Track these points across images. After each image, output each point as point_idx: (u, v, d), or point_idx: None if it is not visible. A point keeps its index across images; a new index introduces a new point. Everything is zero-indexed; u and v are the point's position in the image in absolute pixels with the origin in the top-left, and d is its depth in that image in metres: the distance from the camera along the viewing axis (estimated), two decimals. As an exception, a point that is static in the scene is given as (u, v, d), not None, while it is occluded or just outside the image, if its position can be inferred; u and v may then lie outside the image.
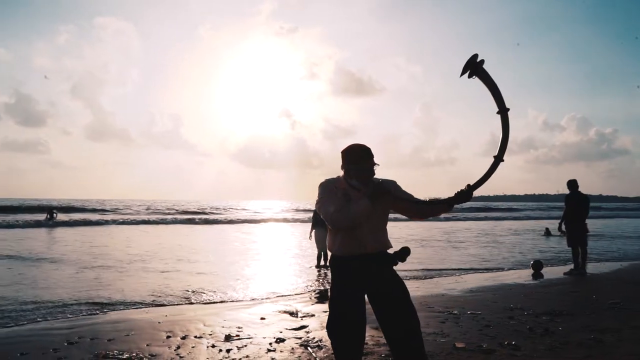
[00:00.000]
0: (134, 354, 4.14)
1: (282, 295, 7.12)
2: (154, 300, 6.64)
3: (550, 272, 9.25)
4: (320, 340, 4.51)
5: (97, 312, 5.96)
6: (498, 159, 2.77)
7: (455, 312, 5.70)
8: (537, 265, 9.37)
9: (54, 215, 25.74)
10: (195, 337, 4.76)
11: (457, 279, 8.56)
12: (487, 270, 8.82)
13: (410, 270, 9.09)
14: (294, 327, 5.14)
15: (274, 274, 9.58)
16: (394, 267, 2.83)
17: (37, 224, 23.50)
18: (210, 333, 4.90)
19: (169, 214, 40.02)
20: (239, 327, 5.15)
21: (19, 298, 6.63)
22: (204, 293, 7.20)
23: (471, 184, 2.75)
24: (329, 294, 2.88)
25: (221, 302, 6.68)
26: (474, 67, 2.76)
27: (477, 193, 2.75)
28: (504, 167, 2.77)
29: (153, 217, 33.66)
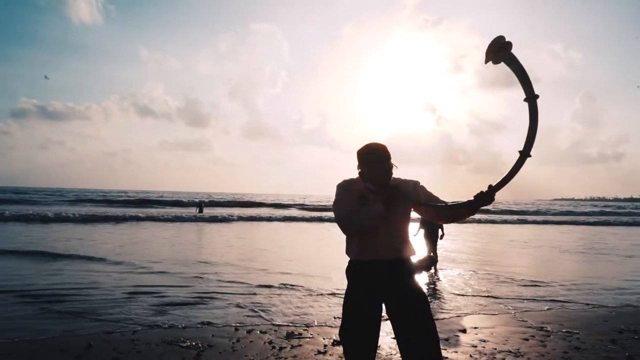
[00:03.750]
0: (194, 343, 4.39)
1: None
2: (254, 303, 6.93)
3: None
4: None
5: (198, 302, 6.39)
6: (524, 154, 2.37)
7: (549, 328, 5.01)
8: None
9: (202, 209, 28.55)
10: (260, 331, 4.88)
11: (570, 288, 7.52)
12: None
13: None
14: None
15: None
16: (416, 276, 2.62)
17: (186, 219, 25.59)
18: (276, 329, 4.98)
19: (314, 209, 41.47)
20: (306, 325, 5.16)
21: (131, 290, 7.45)
22: (299, 287, 7.31)
23: (493, 184, 2.40)
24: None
25: (309, 294, 6.71)
26: (501, 51, 2.39)
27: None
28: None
29: (295, 213, 34.41)
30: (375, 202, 2.51)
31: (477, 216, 35.98)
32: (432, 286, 7.73)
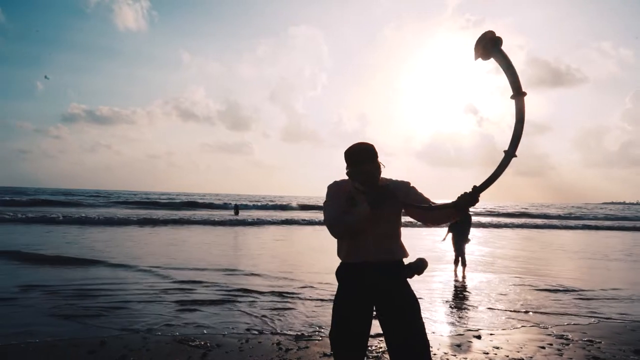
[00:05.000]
0: (202, 343, 4.45)
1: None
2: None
3: None
4: (385, 352, 4.24)
5: (219, 303, 6.50)
6: (509, 154, 2.28)
7: (569, 336, 4.81)
8: None
9: (238, 211, 28.99)
10: (271, 333, 4.90)
11: (603, 296, 7.18)
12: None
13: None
14: (372, 334, 4.92)
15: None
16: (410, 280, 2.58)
17: (222, 222, 25.31)
18: (287, 331, 4.99)
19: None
20: (319, 327, 5.15)
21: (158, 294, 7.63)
22: (322, 290, 7.29)
23: (477, 185, 2.32)
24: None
25: (330, 297, 6.68)
26: (491, 47, 2.32)
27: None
28: None
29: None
30: (363, 203, 2.48)
31: (517, 220, 34.99)
32: (461, 292, 7.56)
